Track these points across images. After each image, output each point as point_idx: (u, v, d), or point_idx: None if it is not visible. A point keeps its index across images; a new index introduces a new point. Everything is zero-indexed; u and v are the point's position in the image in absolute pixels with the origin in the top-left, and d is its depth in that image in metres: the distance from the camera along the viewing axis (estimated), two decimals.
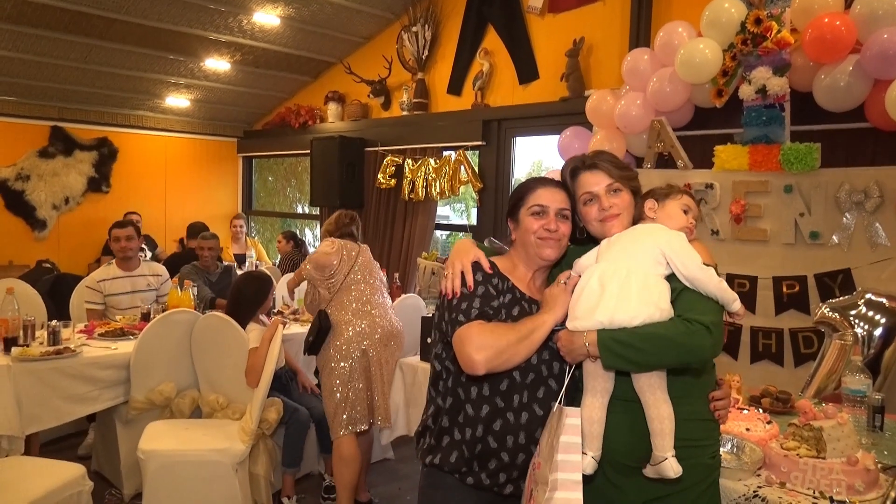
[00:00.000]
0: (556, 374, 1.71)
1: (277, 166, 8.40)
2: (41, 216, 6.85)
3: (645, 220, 1.77)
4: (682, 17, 3.89)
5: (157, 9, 5.36)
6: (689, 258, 1.61)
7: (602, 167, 1.75)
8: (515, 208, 1.82)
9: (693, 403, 1.64)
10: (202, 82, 6.92)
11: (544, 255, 1.76)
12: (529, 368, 1.68)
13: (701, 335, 1.54)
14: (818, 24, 3.15)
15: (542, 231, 1.74)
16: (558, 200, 1.76)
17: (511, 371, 1.66)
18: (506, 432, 1.67)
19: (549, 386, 1.70)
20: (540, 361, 1.69)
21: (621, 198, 1.74)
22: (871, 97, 3.15)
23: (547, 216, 1.74)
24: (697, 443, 1.63)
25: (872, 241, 3.13)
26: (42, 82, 6.31)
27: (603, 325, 1.57)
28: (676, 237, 1.66)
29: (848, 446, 1.78)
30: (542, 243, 1.75)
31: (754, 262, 3.43)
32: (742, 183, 3.46)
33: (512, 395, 1.68)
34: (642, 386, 1.59)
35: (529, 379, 1.69)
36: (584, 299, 1.62)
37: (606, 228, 1.74)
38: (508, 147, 5.43)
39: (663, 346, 1.54)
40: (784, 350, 3.36)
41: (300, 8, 5.64)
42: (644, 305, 1.55)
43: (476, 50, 5.50)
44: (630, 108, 3.92)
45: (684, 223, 1.74)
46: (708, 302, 1.60)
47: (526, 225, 1.77)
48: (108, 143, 7.27)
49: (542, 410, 1.69)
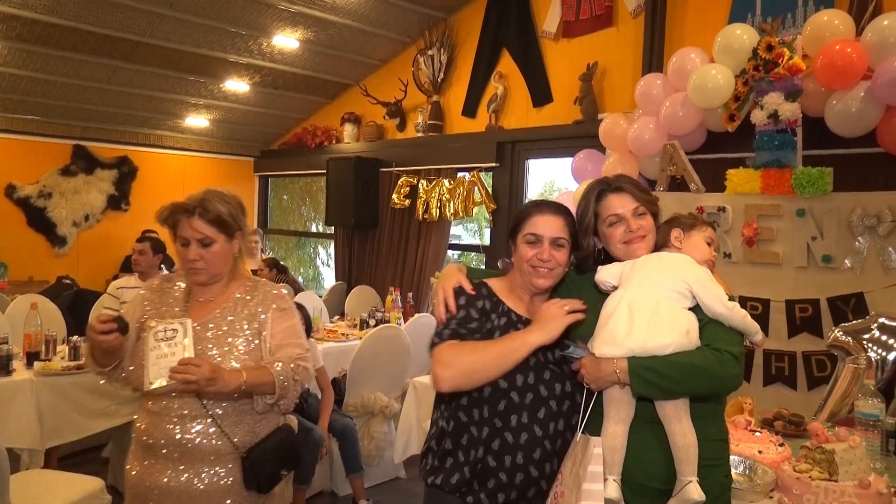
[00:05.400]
0: (557, 395, 1.69)
1: (293, 185, 8.52)
2: (61, 233, 6.99)
3: (670, 249, 1.78)
4: (695, 43, 3.95)
5: (180, 32, 5.51)
6: (715, 296, 1.63)
7: (628, 190, 1.78)
8: (514, 232, 1.81)
9: (709, 425, 1.64)
10: (221, 103, 7.06)
11: (536, 283, 1.74)
12: (528, 388, 1.66)
13: (731, 365, 1.57)
14: (829, 51, 3.19)
15: (534, 260, 1.72)
16: (554, 228, 1.74)
17: (508, 391, 1.65)
18: (504, 452, 1.65)
19: (549, 407, 1.68)
20: (539, 382, 1.68)
21: (646, 220, 1.76)
22: (883, 122, 3.18)
23: (541, 245, 1.72)
24: (713, 462, 1.63)
25: (885, 265, 3.14)
26: (66, 102, 6.47)
27: (634, 352, 1.57)
28: (704, 273, 1.69)
29: (860, 469, 1.79)
30: (535, 272, 1.73)
31: (767, 285, 3.44)
32: (754, 206, 3.49)
33: (509, 415, 1.65)
34: (668, 413, 1.59)
35: (528, 399, 1.66)
36: (612, 325, 1.62)
37: (632, 250, 1.75)
38: (522, 169, 5.49)
39: (695, 375, 1.55)
40: (797, 373, 3.36)
41: (318, 31, 5.77)
42: (676, 334, 1.57)
43: (491, 73, 5.59)
44: (643, 132, 3.97)
45: (708, 256, 1.78)
46: (732, 333, 1.64)
47: (521, 252, 1.76)
48: (128, 162, 7.43)
49: (541, 431, 1.67)
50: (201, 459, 1.90)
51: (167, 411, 1.89)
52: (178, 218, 1.95)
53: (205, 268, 1.97)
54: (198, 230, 1.94)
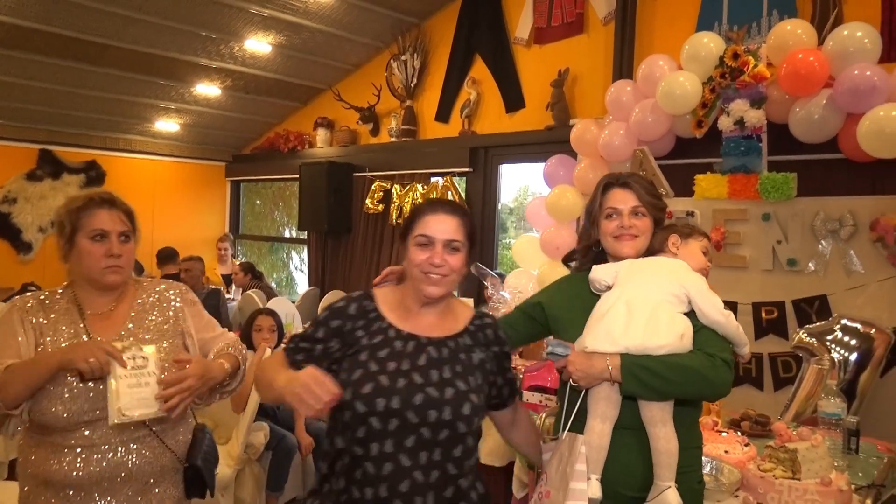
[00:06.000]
0: (430, 423, 1.46)
1: (265, 190, 8.45)
2: (27, 239, 6.83)
3: (666, 254, 1.80)
4: (664, 50, 4.01)
5: (150, 35, 5.43)
6: (712, 303, 1.67)
7: (633, 188, 1.79)
8: (405, 234, 1.61)
9: (685, 432, 1.65)
10: (192, 107, 6.98)
11: (427, 292, 1.54)
12: (391, 414, 1.45)
13: (724, 370, 1.59)
14: (793, 60, 3.27)
15: (425, 265, 1.53)
16: (448, 230, 1.55)
17: (367, 417, 1.45)
18: (365, 484, 1.46)
19: (420, 435, 1.46)
20: (407, 407, 1.45)
21: (643, 221, 1.78)
22: (844, 130, 3.27)
23: (433, 248, 1.54)
24: (687, 469, 1.64)
25: (847, 267, 3.22)
26: (32, 105, 6.34)
27: (629, 350, 1.58)
28: (701, 280, 1.72)
29: (822, 468, 1.84)
30: (426, 279, 1.54)
31: (734, 288, 3.50)
32: (721, 211, 3.56)
33: (369, 443, 1.46)
34: (654, 416, 1.59)
35: (393, 426, 1.45)
36: (608, 322, 1.63)
37: (619, 246, 1.77)
38: (495, 174, 5.53)
39: (689, 377, 1.56)
40: (764, 374, 3.43)
41: (291, 36, 5.74)
42: (671, 337, 1.59)
43: (464, 79, 5.62)
44: (613, 138, 4.02)
45: (703, 264, 1.81)
46: (723, 341, 1.66)
47: (411, 256, 1.56)
48: (96, 167, 7.28)
49: (410, 461, 1.45)
50: (143, 483, 1.73)
51: (91, 440, 1.67)
52: (93, 209, 1.77)
53: (125, 266, 1.78)
54: (120, 222, 1.78)
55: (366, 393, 1.46)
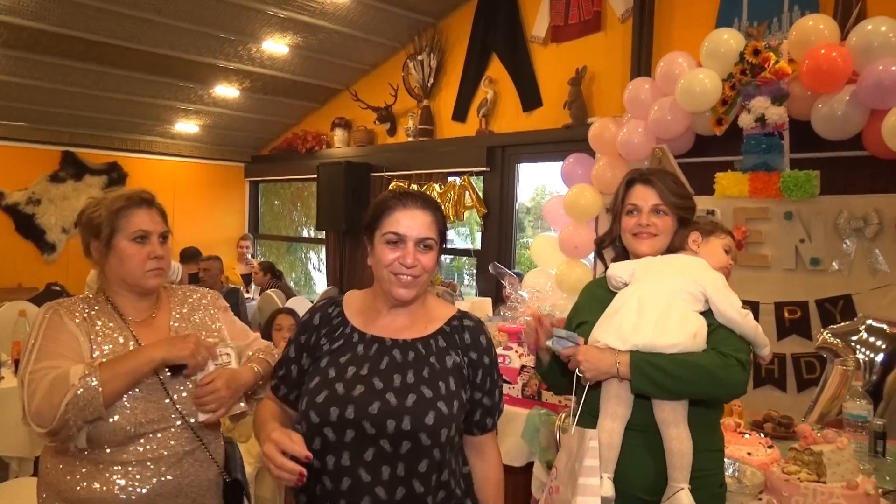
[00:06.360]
0: (389, 434, 1.34)
1: (284, 191, 8.50)
2: (51, 239, 6.94)
3: (687, 252, 1.77)
4: (682, 47, 3.97)
5: (169, 38, 5.49)
6: (729, 302, 1.63)
7: (656, 185, 1.75)
8: (370, 229, 1.47)
9: (705, 435, 1.62)
10: (211, 108, 7.04)
11: (397, 294, 1.43)
12: (345, 424, 1.35)
13: (737, 370, 1.56)
14: (815, 55, 3.22)
15: (396, 265, 1.41)
16: (420, 227, 1.43)
17: (321, 428, 1.36)
18: (324, 499, 1.37)
19: (380, 447, 1.35)
20: (363, 416, 1.35)
21: (663, 220, 1.75)
22: (869, 126, 3.21)
23: (404, 247, 1.42)
24: (708, 472, 1.62)
25: (872, 267, 3.17)
26: (54, 108, 6.43)
27: (638, 347, 1.56)
28: (719, 279, 1.69)
29: (848, 471, 1.81)
30: (396, 280, 1.42)
31: (756, 287, 3.46)
32: (742, 209, 3.51)
33: (325, 456, 1.37)
34: (667, 417, 1.57)
35: (349, 438, 1.35)
36: (619, 319, 1.61)
37: (636, 243, 1.75)
38: (512, 173, 5.51)
39: (700, 375, 1.54)
40: (787, 375, 3.38)
41: (308, 37, 5.77)
42: (683, 336, 1.57)
43: (480, 78, 5.61)
44: (632, 136, 3.99)
45: (724, 263, 1.79)
46: (740, 340, 1.63)
47: (379, 255, 1.44)
48: (117, 168, 7.38)
49: (370, 476, 1.34)
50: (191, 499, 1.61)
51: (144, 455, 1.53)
52: (132, 210, 1.65)
53: (166, 268, 1.68)
54: (160, 222, 1.69)
55: (319, 402, 1.38)
